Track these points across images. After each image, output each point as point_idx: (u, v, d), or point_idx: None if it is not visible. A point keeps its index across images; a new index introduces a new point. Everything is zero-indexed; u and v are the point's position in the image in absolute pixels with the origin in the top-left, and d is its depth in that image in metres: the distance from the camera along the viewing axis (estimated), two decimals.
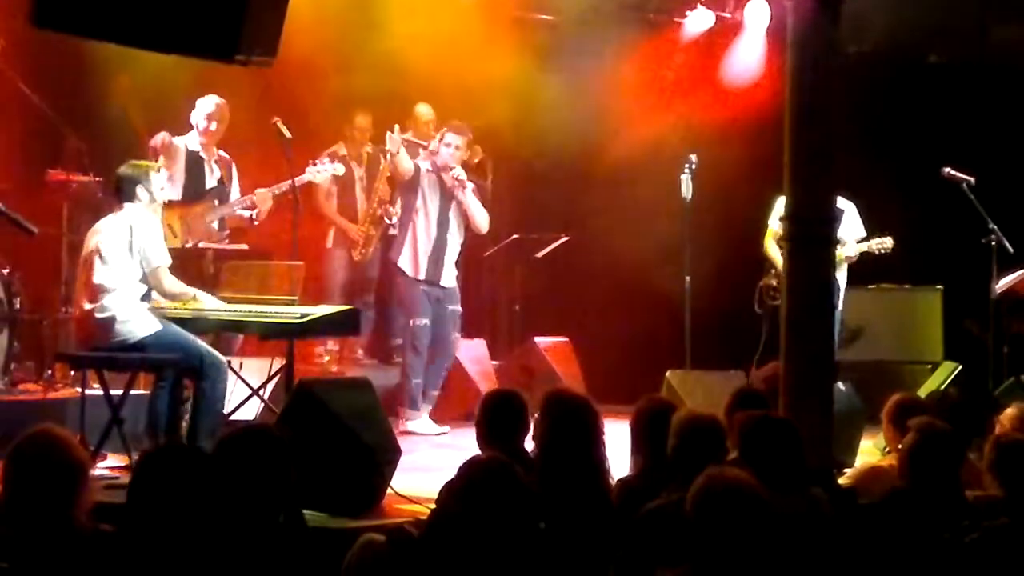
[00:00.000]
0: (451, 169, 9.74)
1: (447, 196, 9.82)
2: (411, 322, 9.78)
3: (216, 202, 9.47)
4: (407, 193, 9.92)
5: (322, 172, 9.71)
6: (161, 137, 9.44)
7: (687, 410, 5.59)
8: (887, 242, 10.03)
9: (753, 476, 4.23)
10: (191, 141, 9.50)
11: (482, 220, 9.93)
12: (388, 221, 10.78)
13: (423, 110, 10.93)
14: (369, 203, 10.86)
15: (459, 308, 9.98)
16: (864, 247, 10.00)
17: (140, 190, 7.77)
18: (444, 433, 9.57)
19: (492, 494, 4.21)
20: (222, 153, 9.65)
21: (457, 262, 9.99)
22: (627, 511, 5.01)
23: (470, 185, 9.81)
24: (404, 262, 9.79)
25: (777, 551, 4.16)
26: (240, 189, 9.65)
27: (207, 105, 9.50)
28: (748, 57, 11.54)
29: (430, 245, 9.77)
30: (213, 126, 9.50)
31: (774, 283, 9.65)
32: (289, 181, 9.17)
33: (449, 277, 9.86)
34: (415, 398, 9.70)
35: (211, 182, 9.53)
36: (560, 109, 10.42)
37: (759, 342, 9.68)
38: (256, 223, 9.54)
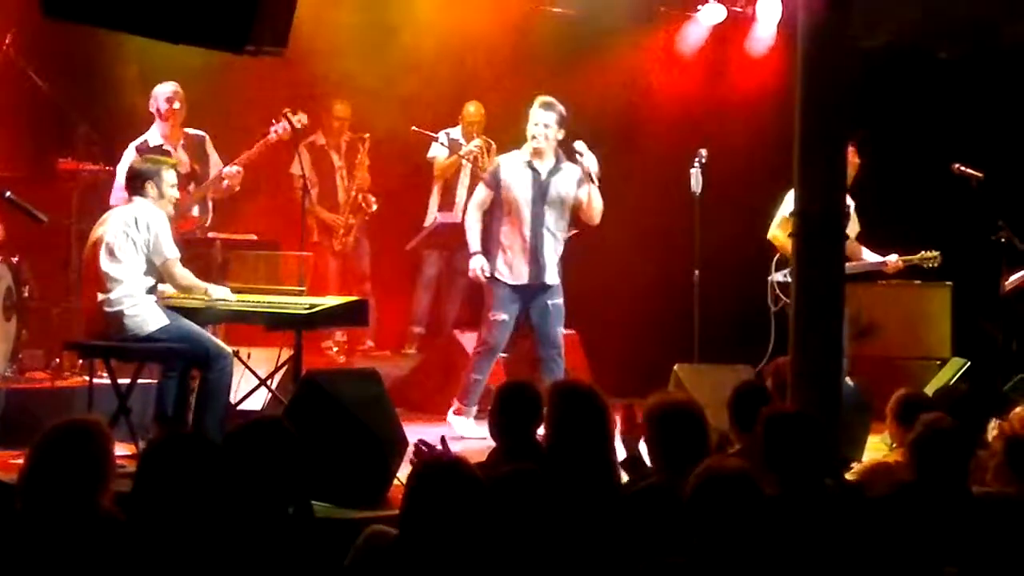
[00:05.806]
0: (582, 154, 9.12)
1: (539, 191, 9.17)
2: (489, 315, 9.23)
3: (191, 188, 9.27)
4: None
5: (280, 130, 9.36)
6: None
7: (659, 397, 5.57)
8: (936, 257, 10.01)
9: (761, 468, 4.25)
10: (152, 136, 9.32)
11: (598, 210, 9.35)
12: (369, 210, 10.82)
13: (471, 109, 10.98)
14: (347, 191, 10.84)
15: (561, 302, 9.33)
16: (912, 260, 9.98)
17: (150, 186, 7.77)
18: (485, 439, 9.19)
19: (434, 493, 4.17)
20: (191, 131, 9.45)
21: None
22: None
23: (593, 170, 9.15)
24: (501, 274, 9.19)
25: (778, 543, 4.17)
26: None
27: (165, 90, 9.32)
28: (760, 51, 11.56)
29: (527, 249, 9.18)
30: (176, 105, 9.29)
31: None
32: (256, 146, 9.25)
33: (552, 274, 9.27)
34: (469, 392, 9.23)
35: (181, 170, 9.08)
36: (569, 102, 10.41)
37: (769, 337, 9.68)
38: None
